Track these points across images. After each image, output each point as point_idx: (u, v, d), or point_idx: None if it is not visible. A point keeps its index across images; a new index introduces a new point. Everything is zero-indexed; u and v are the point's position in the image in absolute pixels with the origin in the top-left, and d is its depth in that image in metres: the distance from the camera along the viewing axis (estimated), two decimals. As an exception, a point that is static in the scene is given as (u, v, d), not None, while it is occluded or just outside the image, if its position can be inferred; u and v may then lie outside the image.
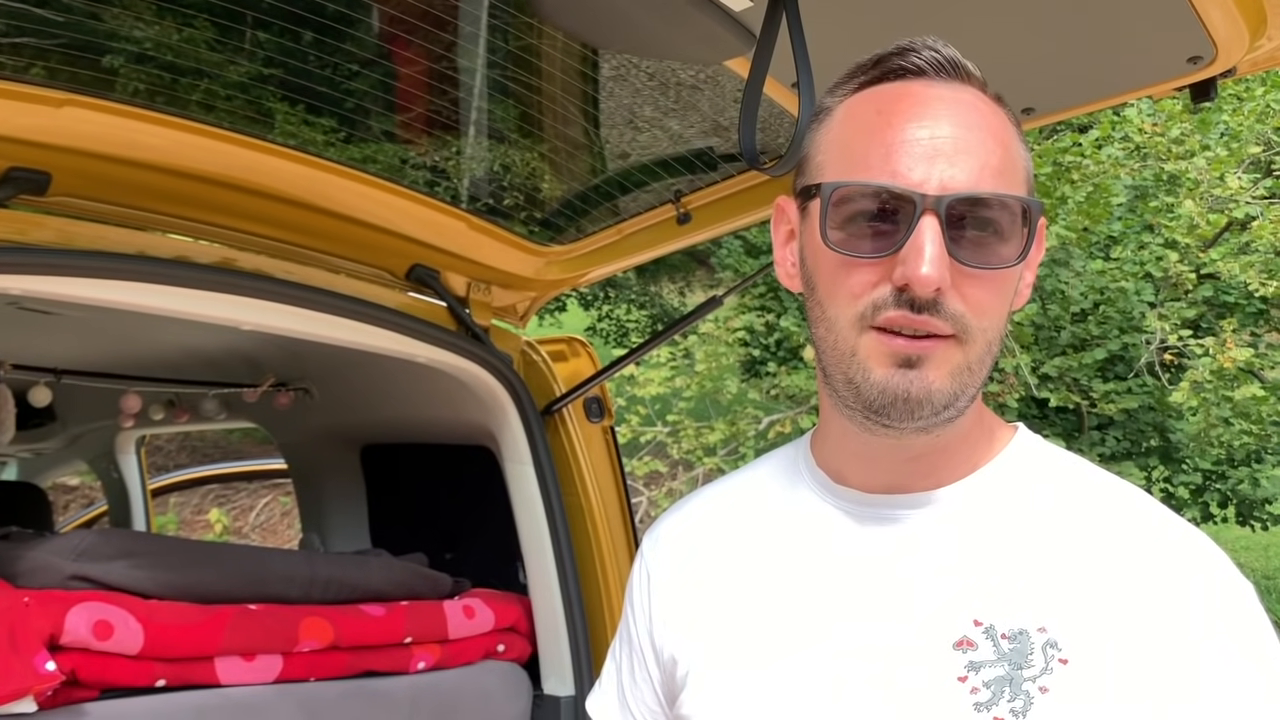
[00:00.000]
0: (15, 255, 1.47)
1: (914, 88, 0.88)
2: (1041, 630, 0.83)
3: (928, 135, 0.84)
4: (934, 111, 0.85)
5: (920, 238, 0.81)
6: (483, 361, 2.03)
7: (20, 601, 1.50)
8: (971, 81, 0.89)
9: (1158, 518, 0.89)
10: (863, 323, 0.85)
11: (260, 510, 9.84)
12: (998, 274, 0.85)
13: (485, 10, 1.59)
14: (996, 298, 0.86)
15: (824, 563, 0.95)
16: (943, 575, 0.89)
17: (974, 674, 0.84)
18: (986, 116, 0.87)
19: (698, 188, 1.98)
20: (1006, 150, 0.87)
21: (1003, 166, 0.85)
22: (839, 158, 0.89)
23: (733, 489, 1.10)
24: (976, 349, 0.86)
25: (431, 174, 2.07)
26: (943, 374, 0.85)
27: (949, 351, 0.85)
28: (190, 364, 2.71)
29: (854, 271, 0.86)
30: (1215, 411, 6.90)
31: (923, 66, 0.88)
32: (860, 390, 0.87)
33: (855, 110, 0.90)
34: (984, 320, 0.85)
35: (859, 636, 0.90)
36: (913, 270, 0.81)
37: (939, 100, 0.86)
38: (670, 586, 1.06)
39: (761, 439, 8.50)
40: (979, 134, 0.85)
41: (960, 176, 0.83)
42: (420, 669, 1.98)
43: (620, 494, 2.24)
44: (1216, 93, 1.32)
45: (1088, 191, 7.06)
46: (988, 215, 0.83)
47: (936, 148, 0.83)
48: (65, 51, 1.52)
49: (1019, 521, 0.90)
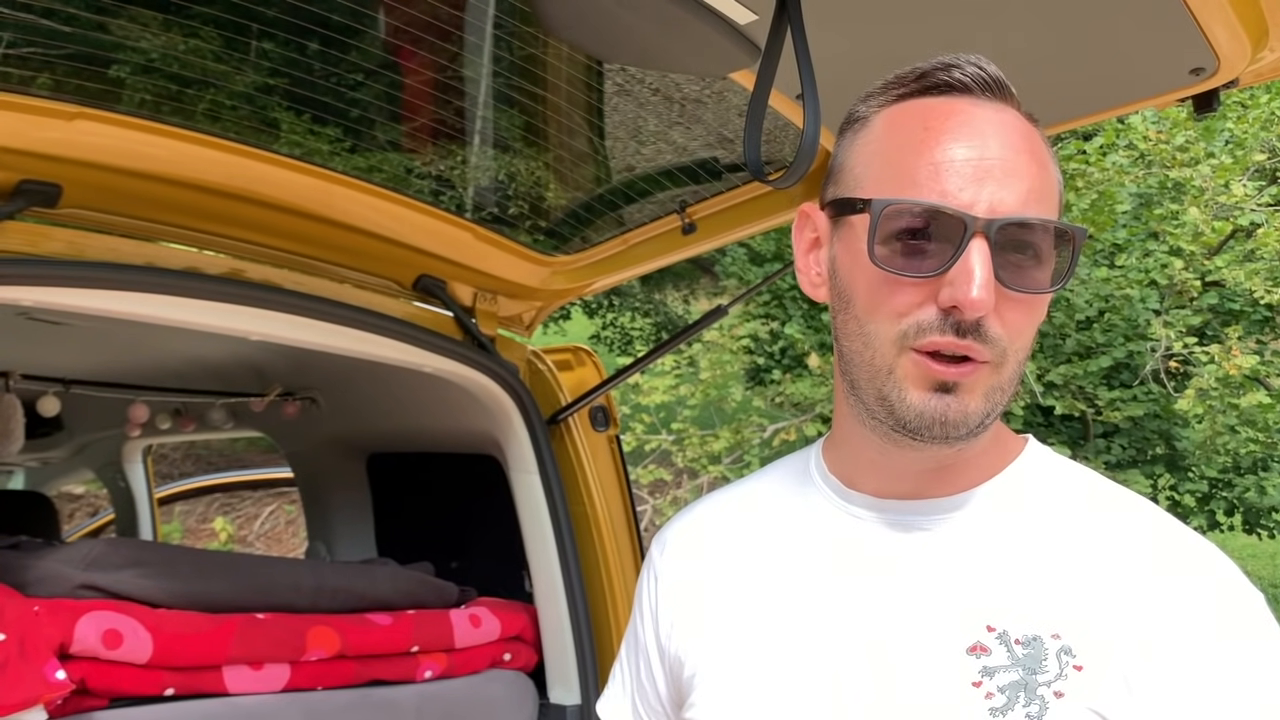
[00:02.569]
0: (26, 267, 1.48)
1: (960, 104, 0.86)
2: (1055, 637, 0.84)
3: (977, 155, 0.83)
4: (981, 131, 0.84)
5: (970, 261, 0.81)
6: (489, 371, 2.03)
7: (30, 610, 1.51)
8: (1011, 101, 0.88)
9: (1167, 528, 0.90)
10: (903, 342, 0.85)
11: (265, 519, 9.85)
12: (1036, 297, 0.85)
13: (490, 21, 1.60)
14: (1031, 320, 0.87)
15: (834, 567, 0.95)
16: (955, 581, 0.89)
17: (988, 679, 0.84)
18: (1029, 138, 0.86)
19: (703, 198, 1.99)
20: (1045, 173, 0.86)
21: (1044, 190, 0.85)
22: (882, 171, 0.88)
23: (742, 494, 1.10)
24: (1009, 370, 0.86)
25: (438, 184, 2.08)
26: (977, 396, 0.85)
27: (985, 375, 0.85)
28: (197, 373, 2.73)
29: (898, 290, 0.85)
30: (1221, 419, 6.89)
31: (968, 84, 0.87)
32: (894, 409, 0.86)
33: (898, 123, 0.89)
34: (1018, 342, 0.85)
35: (870, 641, 0.90)
36: (962, 293, 0.80)
37: (985, 120, 0.85)
38: (678, 590, 1.06)
39: (766, 447, 8.49)
40: (1024, 156, 0.84)
41: (1009, 199, 0.82)
42: (427, 678, 1.99)
43: (625, 503, 2.24)
44: (1219, 104, 1.32)
45: (1092, 199, 7.06)
46: (1031, 239, 0.83)
47: (986, 169, 0.83)
48: (73, 64, 1.53)
49: (1031, 530, 0.91)
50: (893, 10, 1.20)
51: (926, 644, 0.87)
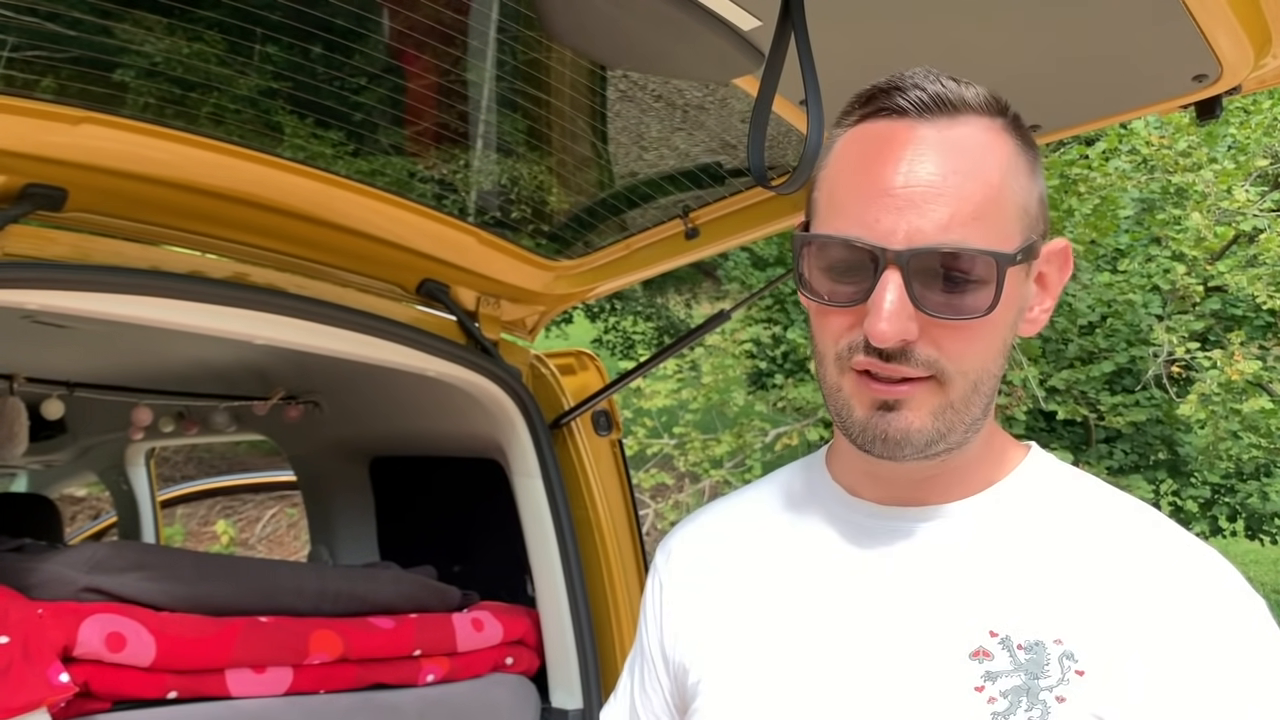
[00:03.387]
0: (31, 270, 1.48)
1: (897, 129, 0.86)
2: (1058, 642, 0.84)
3: (901, 183, 0.83)
4: (911, 156, 0.84)
5: (881, 293, 0.82)
6: (492, 375, 2.04)
7: (34, 613, 1.51)
8: (964, 113, 0.86)
9: (1172, 535, 0.90)
10: (841, 363, 0.88)
11: (267, 522, 9.85)
12: (973, 322, 0.84)
13: (494, 26, 1.61)
14: (973, 342, 0.86)
15: (838, 573, 0.95)
16: (958, 586, 0.90)
17: (991, 684, 0.84)
18: (972, 155, 0.85)
19: (706, 203, 1.99)
20: (991, 190, 0.84)
21: (981, 211, 0.83)
22: (826, 199, 0.90)
23: (746, 501, 1.11)
24: (958, 389, 0.86)
25: (441, 189, 2.08)
26: (922, 414, 0.86)
27: (927, 394, 0.86)
28: (200, 377, 2.73)
29: (830, 315, 0.88)
30: (1224, 424, 6.89)
31: (905, 107, 0.86)
32: (846, 425, 0.90)
33: (846, 150, 0.90)
34: (963, 364, 0.85)
35: (873, 647, 0.90)
36: (871, 325, 0.82)
37: (921, 143, 0.85)
38: (682, 597, 1.07)
39: (768, 451, 8.49)
40: (957, 179, 0.83)
41: (927, 228, 0.82)
42: (429, 681, 1.99)
43: (628, 507, 2.24)
44: (1222, 110, 1.33)
45: (1095, 204, 7.06)
46: (956, 265, 0.83)
47: (909, 197, 0.83)
48: (78, 68, 1.54)
49: (1033, 536, 0.91)
50: (896, 16, 1.20)
51: (929, 649, 0.88)
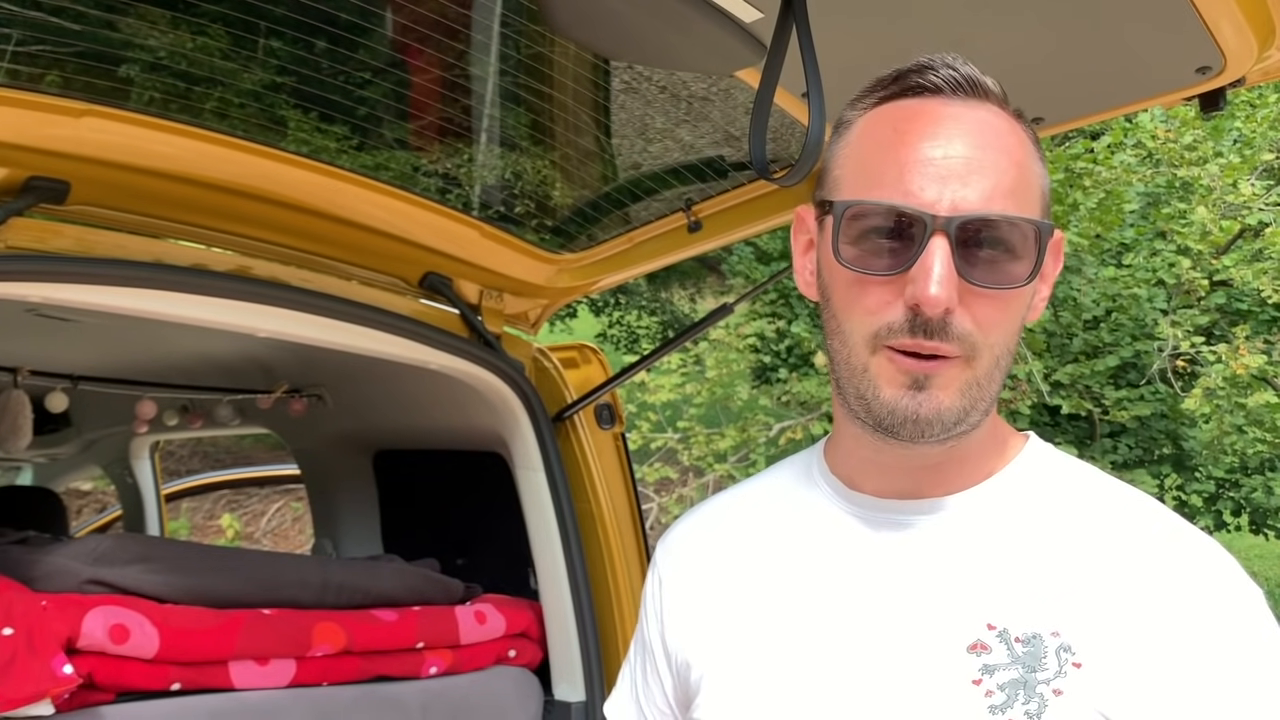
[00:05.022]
0: (35, 263, 1.49)
1: (930, 105, 0.88)
2: (1055, 634, 0.84)
3: (941, 154, 0.85)
4: (948, 130, 0.86)
5: (930, 258, 0.82)
6: (495, 368, 2.04)
7: (38, 605, 1.52)
8: (989, 99, 0.89)
9: (1169, 524, 0.90)
10: (876, 341, 0.87)
11: (272, 515, 9.87)
12: (1008, 292, 0.86)
13: (497, 19, 1.61)
14: (1006, 314, 0.87)
15: (837, 567, 0.96)
16: (956, 579, 0.90)
17: (988, 677, 0.84)
18: (1003, 135, 0.87)
19: (709, 196, 1.99)
20: (1021, 169, 0.87)
21: (1015, 187, 0.86)
22: (855, 172, 0.90)
23: (746, 495, 1.11)
24: (984, 364, 0.87)
25: (444, 182, 2.08)
26: (951, 392, 0.86)
27: (956, 370, 0.86)
28: (205, 370, 2.73)
29: (868, 288, 0.87)
30: (1228, 419, 6.87)
31: (939, 85, 0.88)
32: (871, 407, 0.88)
33: (873, 126, 0.91)
34: (991, 336, 0.86)
35: (872, 640, 0.90)
36: (921, 290, 0.82)
37: (954, 119, 0.87)
38: (682, 591, 1.07)
39: (772, 445, 8.48)
40: (993, 154, 0.86)
41: (972, 197, 0.83)
42: (432, 674, 1.99)
43: (631, 500, 2.24)
44: (1226, 103, 1.32)
45: (1100, 198, 7.04)
46: (998, 235, 0.84)
47: (950, 168, 0.84)
48: (81, 61, 1.54)
49: (1032, 527, 0.91)
50: (898, 8, 1.20)
51: (927, 642, 0.88)
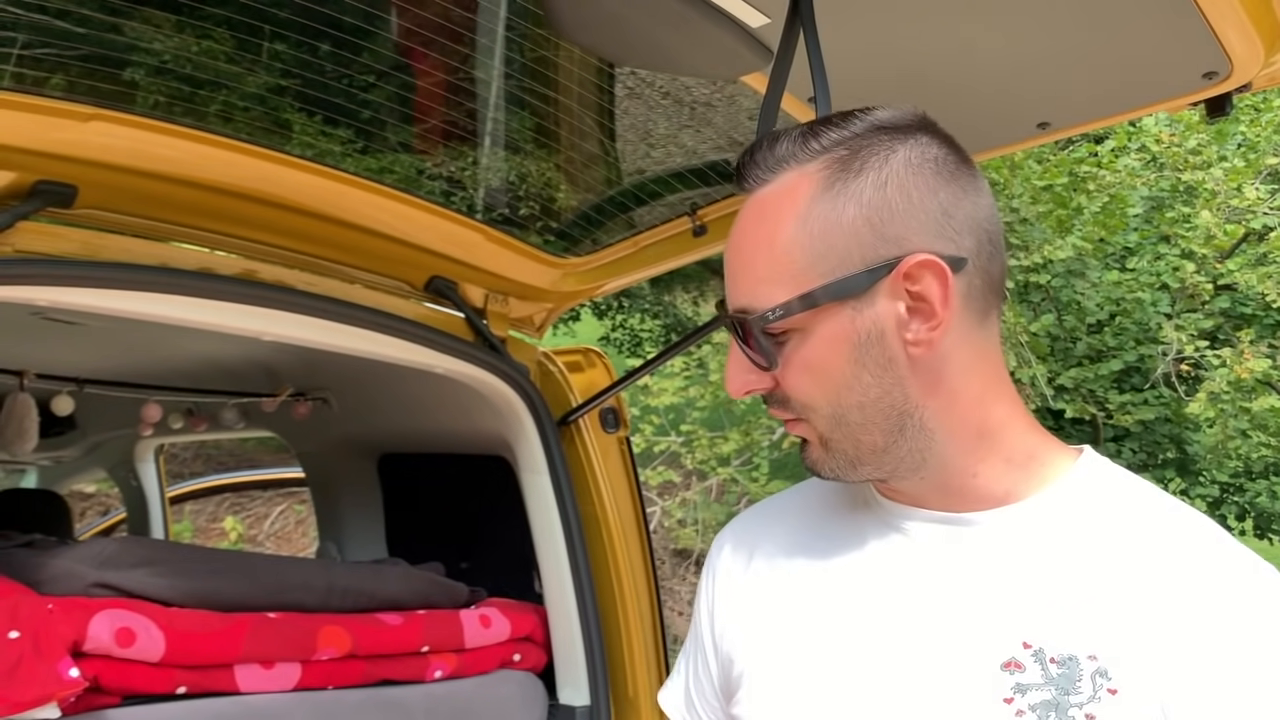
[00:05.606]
0: (41, 267, 1.49)
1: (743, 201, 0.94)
2: (1092, 658, 0.82)
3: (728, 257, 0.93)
4: (734, 228, 0.93)
5: (730, 354, 0.94)
6: (500, 372, 2.04)
7: (44, 608, 1.52)
8: (779, 171, 0.91)
9: (1225, 552, 0.86)
10: None
11: (275, 518, 9.87)
12: (796, 368, 0.90)
13: (502, 23, 1.61)
14: (813, 379, 0.90)
15: (877, 577, 0.95)
16: (995, 595, 0.88)
17: (1020, 696, 0.83)
18: (765, 216, 0.90)
19: (713, 200, 1.99)
20: (771, 248, 0.89)
21: (768, 273, 0.89)
22: None
23: (796, 500, 1.12)
24: (822, 421, 0.92)
25: (449, 186, 2.09)
26: (814, 445, 0.95)
27: (805, 429, 0.94)
28: (209, 373, 2.74)
29: None
30: (1232, 423, 6.86)
31: (744, 180, 0.93)
32: None
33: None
34: (813, 400, 0.91)
35: (908, 652, 0.90)
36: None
37: (743, 213, 0.93)
38: (731, 588, 1.09)
39: (775, 449, 8.48)
40: (750, 242, 0.91)
41: (733, 295, 0.92)
42: (437, 678, 1.99)
43: (635, 504, 2.24)
44: (1232, 108, 1.32)
45: (1103, 202, 7.04)
46: (741, 328, 0.91)
47: (728, 269, 0.93)
48: (87, 65, 1.54)
49: (1076, 546, 0.88)
50: (904, 13, 1.20)
51: (962, 657, 0.87)
